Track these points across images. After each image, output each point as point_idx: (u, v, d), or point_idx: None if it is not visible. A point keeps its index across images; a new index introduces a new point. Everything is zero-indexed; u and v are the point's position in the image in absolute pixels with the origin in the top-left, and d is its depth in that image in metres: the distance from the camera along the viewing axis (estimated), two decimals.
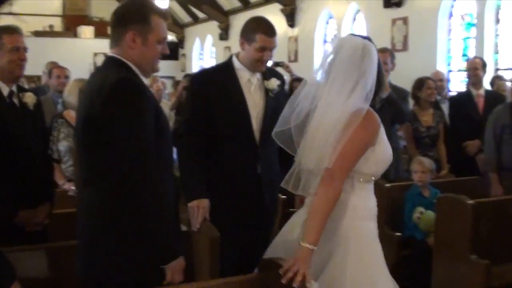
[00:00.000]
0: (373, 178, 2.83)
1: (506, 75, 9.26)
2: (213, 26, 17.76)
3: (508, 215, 4.70)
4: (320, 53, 14.00)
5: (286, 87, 5.65)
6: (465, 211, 4.43)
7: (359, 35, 2.85)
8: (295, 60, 14.15)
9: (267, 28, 3.52)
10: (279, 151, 3.65)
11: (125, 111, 2.50)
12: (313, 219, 2.63)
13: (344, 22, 13.06)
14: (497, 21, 10.40)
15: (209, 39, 19.12)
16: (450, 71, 10.87)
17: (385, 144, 2.81)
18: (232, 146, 3.53)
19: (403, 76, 7.80)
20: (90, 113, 2.58)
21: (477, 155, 6.10)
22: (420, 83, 6.22)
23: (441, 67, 10.87)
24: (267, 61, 3.57)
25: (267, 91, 3.62)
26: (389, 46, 11.09)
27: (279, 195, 4.02)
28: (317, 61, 13.92)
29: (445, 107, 6.83)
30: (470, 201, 4.46)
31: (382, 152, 2.79)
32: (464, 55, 11.29)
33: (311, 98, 2.80)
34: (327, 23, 13.91)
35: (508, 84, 6.72)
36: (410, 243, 5.11)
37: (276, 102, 3.61)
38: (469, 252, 4.37)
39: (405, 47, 11.43)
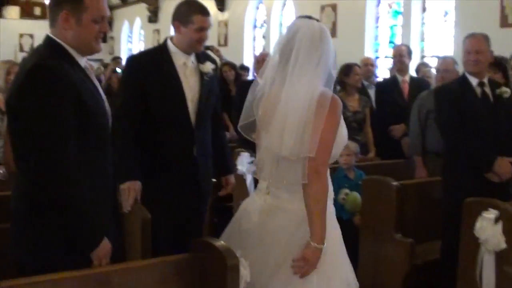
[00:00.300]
0: (332, 160, 2.85)
1: (431, 62, 9.62)
2: (142, 8, 17.57)
3: (431, 196, 4.88)
4: (249, 37, 14.09)
5: None
6: (390, 192, 4.58)
7: (309, 16, 2.86)
8: (225, 44, 14.19)
9: (202, 8, 3.56)
10: (212, 134, 3.72)
11: (36, 100, 2.45)
12: (315, 219, 2.66)
13: (274, 8, 13.18)
14: (424, 9, 10.76)
15: (138, 21, 18.89)
16: (377, 57, 11.17)
17: (343, 126, 2.86)
18: (168, 129, 3.54)
19: None
20: (8, 99, 2.58)
21: (402, 139, 6.30)
22: (348, 69, 6.35)
23: (369, 54, 11.14)
24: (205, 41, 3.60)
25: (202, 74, 3.64)
26: None
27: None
28: (247, 46, 14.05)
29: (372, 92, 7.02)
30: (395, 183, 4.62)
31: (342, 134, 2.84)
32: (391, 42, 11.62)
33: (270, 81, 2.80)
34: (257, 8, 14.01)
35: (433, 71, 6.96)
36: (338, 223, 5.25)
37: (210, 85, 3.66)
38: (394, 231, 4.52)
39: (333, 34, 11.61)
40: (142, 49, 18.00)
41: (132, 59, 3.95)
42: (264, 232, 2.83)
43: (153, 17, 17.23)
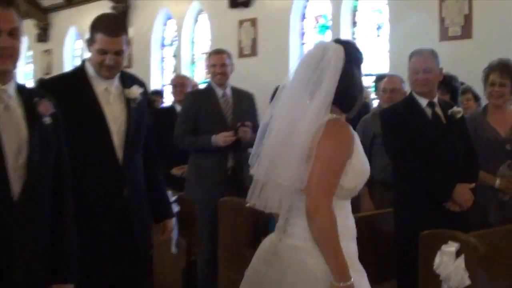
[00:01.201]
0: (352, 194, 2.96)
1: (365, 81, 9.92)
2: (29, 25, 17.21)
3: (382, 231, 5.01)
4: (157, 57, 14.06)
5: None
6: None
7: (339, 39, 3.02)
8: (129, 66, 14.11)
9: (107, 26, 3.43)
10: (145, 172, 3.67)
11: None
12: (326, 256, 2.78)
13: (185, 23, 13.25)
14: (354, 23, 11.08)
15: (24, 41, 18.49)
16: None
17: (361, 155, 2.96)
18: (92, 169, 3.43)
19: (252, 83, 8.09)
20: None
21: None
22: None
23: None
24: (114, 67, 3.47)
25: (128, 101, 3.56)
26: (236, 50, 11.42)
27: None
28: (154, 66, 14.02)
29: None
30: None
31: (359, 164, 2.93)
32: None
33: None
34: (165, 24, 14.04)
35: (370, 90, 7.19)
36: None
37: (139, 113, 3.59)
38: None
39: (254, 52, 11.78)
40: (31, 73, 17.65)
41: (41, 87, 3.80)
42: (285, 283, 2.88)
43: (43, 35, 16.93)
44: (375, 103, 8.02)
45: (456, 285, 3.92)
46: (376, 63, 10.81)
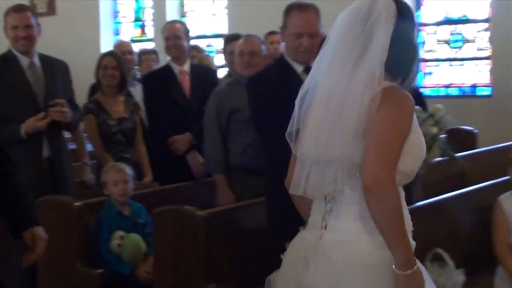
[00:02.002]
0: (407, 179, 3.04)
1: (202, 44, 10.09)
2: None
3: (247, 226, 5.12)
4: None
5: None
6: (195, 226, 4.75)
7: None
8: None
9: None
10: None
11: None
12: (393, 240, 2.88)
13: None
14: None
15: None
16: (133, 41, 11.33)
17: (419, 132, 3.03)
18: None
19: (50, 47, 7.98)
20: None
21: (189, 154, 6.50)
22: (98, 62, 6.47)
23: (105, 37, 11.34)
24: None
25: None
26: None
27: None
28: None
29: (135, 91, 7.16)
30: (201, 213, 4.80)
31: (417, 143, 3.02)
32: (137, 19, 11.93)
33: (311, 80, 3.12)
34: None
35: (213, 55, 7.29)
36: (116, 282, 5.31)
37: None
38: (205, 280, 4.72)
39: (52, 11, 11.62)
40: None
41: None
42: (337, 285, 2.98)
43: None
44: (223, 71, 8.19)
45: None
46: (213, 24, 11.07)
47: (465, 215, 5.25)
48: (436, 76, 10.30)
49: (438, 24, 10.13)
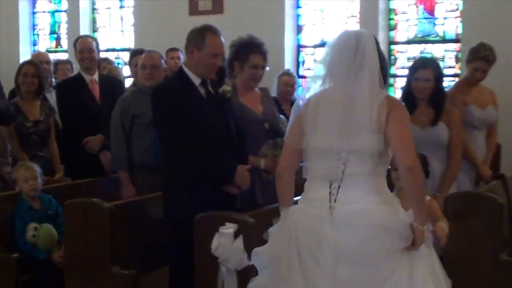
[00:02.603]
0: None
1: (112, 56, 10.05)
2: None
3: (147, 217, 5.15)
4: None
5: None
6: (101, 217, 4.76)
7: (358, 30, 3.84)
8: None
9: None
10: None
11: None
12: (421, 204, 3.57)
13: None
14: None
15: None
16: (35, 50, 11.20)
17: None
18: None
19: None
20: None
21: (101, 153, 6.43)
22: (19, 69, 6.40)
23: (24, 47, 11.16)
24: None
25: None
26: None
27: None
28: None
29: (52, 96, 7.07)
30: (107, 204, 4.80)
31: None
32: (52, 32, 11.79)
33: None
34: None
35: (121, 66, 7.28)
36: (32, 265, 5.23)
37: None
38: (110, 264, 4.71)
39: None
40: None
41: None
42: (356, 251, 3.47)
43: None
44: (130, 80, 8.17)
45: (235, 266, 4.17)
46: (119, 38, 11.02)
47: None
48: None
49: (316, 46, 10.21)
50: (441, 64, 8.03)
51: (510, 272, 4.63)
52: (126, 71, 8.80)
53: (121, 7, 11.04)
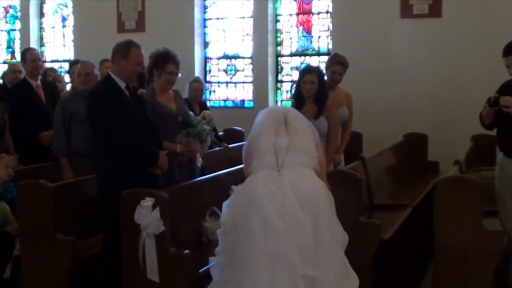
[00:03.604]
0: None
1: (55, 66, 9.87)
2: None
3: (84, 194, 5.16)
4: None
5: None
6: (46, 194, 4.75)
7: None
8: None
9: None
10: None
11: None
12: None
13: None
14: (42, 14, 10.89)
15: None
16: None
17: None
18: None
19: None
20: None
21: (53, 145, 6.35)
22: None
23: None
24: None
25: None
26: None
27: None
28: None
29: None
30: (51, 185, 4.80)
31: None
32: (8, 47, 11.49)
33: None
34: None
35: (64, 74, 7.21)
36: None
37: None
38: (54, 232, 4.70)
39: None
40: None
41: None
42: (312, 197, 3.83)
43: None
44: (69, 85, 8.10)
45: (154, 231, 4.26)
46: (62, 51, 10.81)
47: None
48: (218, 93, 10.46)
49: (219, 58, 10.32)
50: None
51: (367, 231, 4.82)
52: (67, 78, 8.68)
53: (63, 26, 10.85)
